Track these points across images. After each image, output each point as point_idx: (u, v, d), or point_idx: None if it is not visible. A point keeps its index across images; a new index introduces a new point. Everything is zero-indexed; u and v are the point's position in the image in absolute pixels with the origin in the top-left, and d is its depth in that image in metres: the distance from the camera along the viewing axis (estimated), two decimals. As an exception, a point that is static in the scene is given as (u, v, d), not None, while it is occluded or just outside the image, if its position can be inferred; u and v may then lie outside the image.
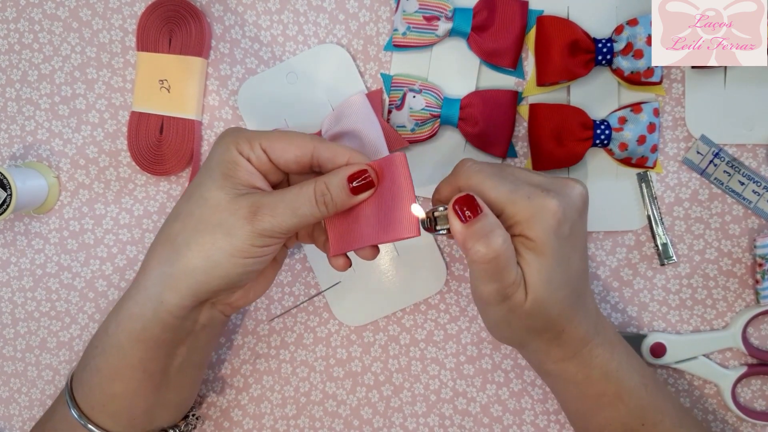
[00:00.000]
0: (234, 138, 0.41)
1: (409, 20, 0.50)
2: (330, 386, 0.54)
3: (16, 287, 0.56)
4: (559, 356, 0.43)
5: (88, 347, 0.45)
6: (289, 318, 0.54)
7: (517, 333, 0.43)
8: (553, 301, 0.40)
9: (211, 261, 0.40)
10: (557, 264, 0.40)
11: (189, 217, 0.41)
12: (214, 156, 0.41)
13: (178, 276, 0.40)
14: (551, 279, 0.40)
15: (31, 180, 0.52)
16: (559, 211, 0.39)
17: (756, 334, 0.52)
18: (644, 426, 0.44)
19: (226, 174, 0.40)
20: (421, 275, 0.53)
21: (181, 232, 0.41)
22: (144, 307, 0.41)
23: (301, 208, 0.40)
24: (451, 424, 0.54)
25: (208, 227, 0.40)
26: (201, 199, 0.40)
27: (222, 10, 0.53)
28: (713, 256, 0.52)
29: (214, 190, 0.40)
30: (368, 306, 0.53)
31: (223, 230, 0.39)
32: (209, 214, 0.40)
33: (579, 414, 0.46)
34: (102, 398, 0.43)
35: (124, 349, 0.42)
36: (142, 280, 0.42)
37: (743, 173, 0.50)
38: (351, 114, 0.49)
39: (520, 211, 0.39)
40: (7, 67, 0.55)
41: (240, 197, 0.40)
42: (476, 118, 0.50)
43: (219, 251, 0.40)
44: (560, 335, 0.42)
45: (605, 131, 0.49)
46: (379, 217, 0.41)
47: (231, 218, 0.39)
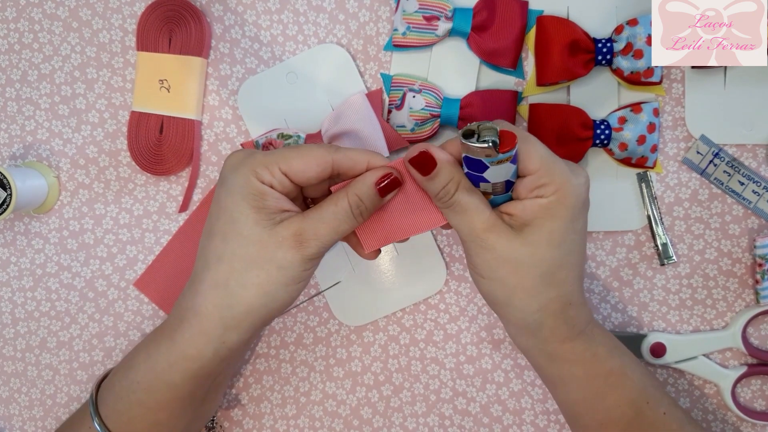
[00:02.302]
0: (251, 167, 0.40)
1: (409, 20, 0.50)
2: (330, 386, 0.54)
3: (16, 287, 0.56)
4: (566, 334, 0.42)
5: (124, 379, 0.44)
6: (289, 318, 0.54)
7: (529, 294, 0.41)
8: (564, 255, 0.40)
9: (270, 296, 0.40)
10: (575, 233, 0.40)
11: (234, 259, 0.40)
12: (236, 189, 0.40)
13: (238, 317, 0.41)
14: (564, 239, 0.40)
15: (31, 180, 0.52)
16: (587, 186, 0.41)
17: (756, 334, 0.52)
18: (649, 404, 0.43)
19: (257, 207, 0.40)
20: (421, 275, 0.53)
21: (232, 274, 0.40)
22: (204, 350, 0.41)
23: (341, 225, 0.40)
24: (451, 424, 0.54)
25: (259, 265, 0.40)
26: (240, 237, 0.40)
27: (222, 10, 0.53)
28: (713, 256, 0.52)
29: (251, 226, 0.40)
30: (368, 306, 0.53)
31: (276, 265, 0.40)
32: (255, 252, 0.40)
33: (586, 401, 0.44)
34: (143, 428, 0.43)
35: (176, 386, 0.42)
36: (198, 324, 0.41)
37: (743, 173, 0.50)
38: (351, 114, 0.49)
39: (559, 175, 0.39)
40: (7, 67, 0.55)
41: (278, 226, 0.40)
42: (476, 118, 0.50)
43: (275, 285, 0.40)
44: (567, 310, 0.42)
45: (605, 131, 0.49)
46: (407, 209, 0.42)
47: (279, 252, 0.39)
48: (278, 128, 0.52)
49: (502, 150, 0.37)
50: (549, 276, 0.41)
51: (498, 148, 0.37)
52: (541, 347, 0.44)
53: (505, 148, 0.37)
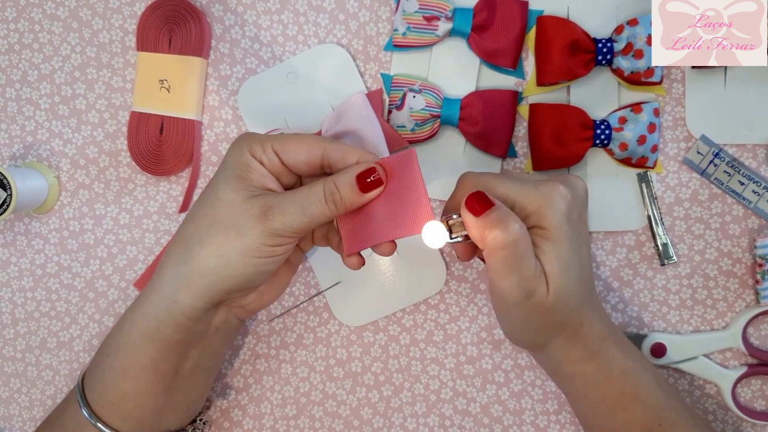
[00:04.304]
0: (247, 141, 0.42)
1: (409, 20, 0.50)
2: (330, 386, 0.54)
3: (16, 287, 0.56)
4: (579, 356, 0.43)
5: (102, 345, 0.45)
6: (289, 318, 0.54)
7: (537, 333, 0.43)
8: (573, 291, 0.40)
9: (224, 260, 0.40)
10: (572, 250, 0.40)
11: (203, 218, 0.41)
12: (229, 159, 0.42)
13: (191, 275, 0.41)
14: (569, 266, 0.40)
15: (31, 180, 0.52)
16: (568, 194, 0.40)
17: (756, 334, 0.52)
18: (661, 426, 0.43)
19: (240, 176, 0.41)
20: (421, 275, 0.53)
21: (195, 232, 0.41)
22: (158, 307, 0.42)
23: (310, 207, 0.41)
24: (451, 424, 0.54)
25: (221, 227, 0.41)
26: (215, 200, 0.41)
27: (222, 10, 0.53)
28: (713, 256, 0.52)
29: (228, 192, 0.41)
30: (368, 306, 0.53)
31: (235, 230, 0.40)
32: (222, 213, 0.41)
33: (597, 418, 0.45)
34: (113, 397, 0.43)
35: (137, 347, 0.43)
36: (158, 280, 0.42)
37: (743, 173, 0.50)
38: (351, 114, 0.49)
39: (531, 201, 0.40)
40: (7, 67, 0.55)
41: (252, 198, 0.41)
42: (476, 118, 0.50)
43: (231, 250, 0.40)
44: (579, 331, 0.42)
45: (605, 131, 0.49)
46: (390, 214, 0.41)
47: (242, 218, 0.40)
48: (278, 128, 0.52)
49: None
50: (562, 309, 0.41)
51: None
52: (554, 369, 0.45)
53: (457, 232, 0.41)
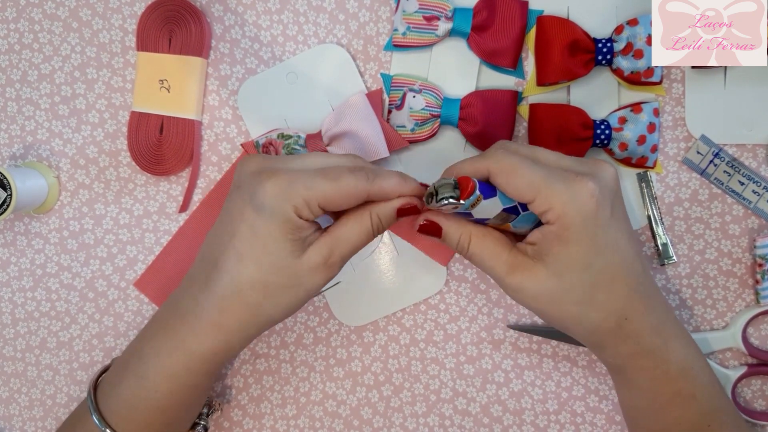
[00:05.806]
0: (292, 202, 0.39)
1: (409, 20, 0.50)
2: (330, 386, 0.54)
3: (16, 287, 0.56)
4: (631, 351, 0.41)
5: (131, 374, 0.44)
6: (289, 318, 0.54)
7: (569, 314, 0.41)
8: (573, 292, 0.40)
9: (291, 311, 0.43)
10: (592, 252, 0.39)
11: (268, 287, 0.41)
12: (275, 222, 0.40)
13: (258, 334, 0.43)
14: (580, 269, 0.39)
15: (31, 180, 0.52)
16: (597, 192, 0.39)
17: (756, 334, 0.52)
18: (710, 427, 0.42)
19: (292, 240, 0.40)
20: (421, 275, 0.53)
21: (265, 301, 0.41)
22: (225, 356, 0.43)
23: (363, 243, 0.42)
24: (451, 424, 0.54)
25: (289, 290, 0.41)
26: (274, 268, 0.41)
27: (222, 10, 0.53)
28: (713, 256, 0.52)
29: (286, 257, 0.40)
30: (368, 306, 0.53)
31: (304, 288, 0.42)
32: (287, 280, 0.41)
33: (646, 412, 0.43)
34: (146, 417, 0.44)
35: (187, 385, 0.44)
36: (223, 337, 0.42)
37: (743, 173, 0.50)
38: (351, 114, 0.49)
39: (557, 198, 0.38)
40: (7, 67, 0.55)
41: (308, 251, 0.41)
42: (476, 118, 0.50)
43: (300, 302, 0.42)
44: (623, 326, 0.40)
45: (605, 131, 0.49)
46: None
47: (309, 279, 0.41)
48: (278, 128, 0.52)
49: (463, 197, 0.38)
50: (587, 301, 0.40)
51: (460, 197, 0.38)
52: (610, 361, 0.44)
53: (465, 195, 0.38)
